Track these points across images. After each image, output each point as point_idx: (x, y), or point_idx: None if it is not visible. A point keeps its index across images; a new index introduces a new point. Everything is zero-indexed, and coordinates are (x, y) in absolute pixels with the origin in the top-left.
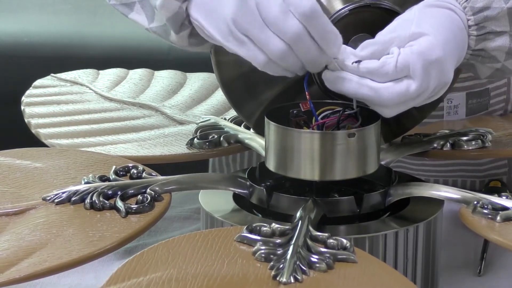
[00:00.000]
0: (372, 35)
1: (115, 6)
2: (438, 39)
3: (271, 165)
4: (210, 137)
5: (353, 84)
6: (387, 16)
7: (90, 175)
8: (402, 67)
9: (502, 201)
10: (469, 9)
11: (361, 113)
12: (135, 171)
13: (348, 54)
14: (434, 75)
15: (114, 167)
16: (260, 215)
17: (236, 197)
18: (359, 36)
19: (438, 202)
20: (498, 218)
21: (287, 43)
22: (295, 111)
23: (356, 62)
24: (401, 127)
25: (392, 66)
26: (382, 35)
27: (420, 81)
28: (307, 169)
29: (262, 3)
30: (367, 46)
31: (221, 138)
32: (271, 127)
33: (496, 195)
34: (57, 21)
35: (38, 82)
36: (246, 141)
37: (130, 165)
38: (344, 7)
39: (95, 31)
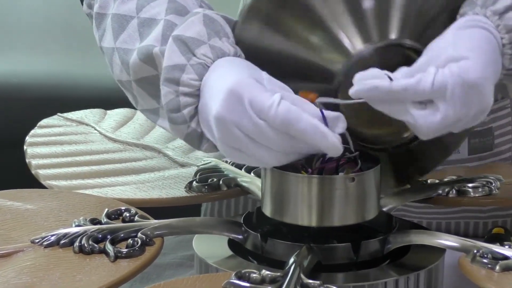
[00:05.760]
0: None
1: (143, 112)
2: (478, 63)
3: (267, 210)
4: (210, 180)
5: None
6: (412, 56)
7: (81, 218)
8: (440, 86)
9: (504, 250)
10: (502, 27)
11: (361, 157)
12: (127, 214)
13: (382, 74)
14: (475, 99)
15: (106, 210)
16: (255, 262)
17: (232, 243)
18: None
19: (439, 249)
20: (497, 267)
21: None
22: None
23: (388, 76)
24: (421, 169)
25: (429, 84)
26: (421, 58)
27: (460, 106)
28: (304, 214)
29: (239, 123)
30: (402, 70)
31: (221, 182)
32: (267, 171)
33: (498, 244)
34: (48, 61)
35: (43, 121)
36: (245, 184)
37: (123, 208)
38: (368, 47)
39: (87, 71)
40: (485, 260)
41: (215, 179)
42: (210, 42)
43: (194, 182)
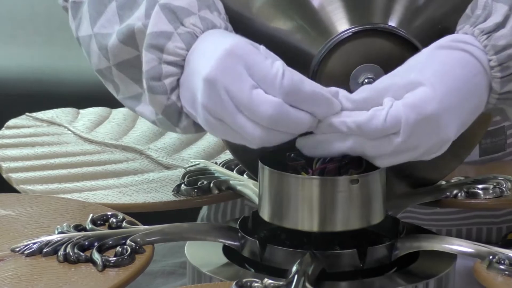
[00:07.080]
0: (385, 69)
1: (123, 100)
2: (437, 91)
3: (265, 214)
4: (199, 183)
5: (338, 144)
6: (405, 49)
7: (65, 224)
8: (393, 121)
9: None
10: (490, 47)
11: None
12: (114, 220)
13: (341, 98)
14: (430, 132)
15: (91, 215)
16: (252, 270)
17: (227, 250)
18: (365, 66)
19: (450, 256)
20: None
21: (264, 127)
22: (292, 155)
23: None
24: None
25: (381, 119)
26: (382, 80)
27: (408, 137)
28: (305, 218)
29: (231, 89)
30: (364, 90)
31: (211, 184)
32: (265, 172)
33: None
34: (28, 54)
35: (11, 122)
36: (238, 187)
37: (109, 213)
38: (347, 29)
39: (71, 65)
40: (502, 267)
41: (205, 182)
42: (200, 13)
43: (182, 185)
